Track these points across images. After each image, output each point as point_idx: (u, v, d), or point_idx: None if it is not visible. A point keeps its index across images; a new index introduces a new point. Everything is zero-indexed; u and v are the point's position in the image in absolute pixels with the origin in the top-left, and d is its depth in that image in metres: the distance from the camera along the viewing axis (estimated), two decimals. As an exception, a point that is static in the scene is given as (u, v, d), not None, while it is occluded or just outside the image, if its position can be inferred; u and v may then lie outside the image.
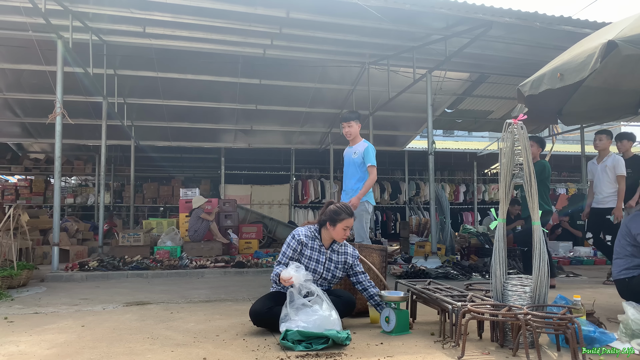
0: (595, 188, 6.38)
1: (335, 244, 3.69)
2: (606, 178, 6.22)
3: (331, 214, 3.59)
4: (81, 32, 7.50)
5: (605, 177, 6.23)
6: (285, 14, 6.85)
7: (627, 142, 6.46)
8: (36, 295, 5.23)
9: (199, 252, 8.80)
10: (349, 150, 5.24)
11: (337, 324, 3.15)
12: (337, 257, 3.66)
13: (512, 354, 2.86)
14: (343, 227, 3.56)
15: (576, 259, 8.66)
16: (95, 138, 11.85)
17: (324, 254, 3.62)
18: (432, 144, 7.82)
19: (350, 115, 5.15)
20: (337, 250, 3.68)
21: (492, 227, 3.44)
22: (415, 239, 9.88)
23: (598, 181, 6.34)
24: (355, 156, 5.09)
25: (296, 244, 3.57)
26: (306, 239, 3.61)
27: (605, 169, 6.22)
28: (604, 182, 6.25)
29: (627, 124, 14.12)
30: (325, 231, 3.64)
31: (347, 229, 3.58)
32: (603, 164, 6.27)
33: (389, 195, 15.12)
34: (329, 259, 3.64)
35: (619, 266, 3.80)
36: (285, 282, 3.28)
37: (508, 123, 3.34)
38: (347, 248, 3.75)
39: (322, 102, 11.76)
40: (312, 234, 3.65)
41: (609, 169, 6.18)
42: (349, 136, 5.17)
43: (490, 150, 15.03)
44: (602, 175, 6.27)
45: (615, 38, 3.27)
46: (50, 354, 2.93)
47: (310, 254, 3.59)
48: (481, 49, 8.23)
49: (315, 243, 3.63)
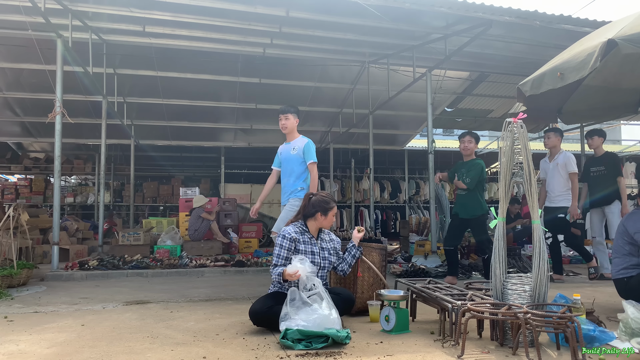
0: (548, 187, 6.31)
1: (322, 233, 3.81)
2: (558, 176, 6.16)
3: (321, 204, 3.72)
4: (81, 31, 7.50)
5: (557, 175, 6.18)
6: (285, 13, 6.85)
7: (597, 138, 6.39)
8: (36, 295, 5.23)
9: (198, 251, 8.80)
10: (286, 146, 5.07)
11: (337, 322, 3.15)
12: (327, 245, 3.78)
13: (511, 352, 2.86)
14: (333, 214, 3.76)
15: (576, 257, 8.65)
16: (95, 137, 11.85)
17: (316, 245, 3.70)
18: (432, 143, 7.83)
19: (289, 108, 5.01)
20: (325, 239, 3.80)
21: (492, 226, 3.44)
22: (415, 237, 9.87)
23: (550, 179, 6.27)
24: (295, 152, 4.93)
25: (289, 242, 3.60)
26: (297, 235, 3.66)
27: (557, 167, 6.16)
28: (555, 180, 6.19)
29: (627, 123, 14.13)
30: (313, 222, 3.73)
31: (333, 216, 3.78)
32: (554, 162, 6.21)
33: (388, 194, 15.12)
34: (321, 248, 3.73)
35: (617, 265, 3.79)
36: (292, 277, 3.30)
37: (508, 122, 3.34)
38: (331, 235, 3.88)
39: (322, 101, 11.75)
40: (300, 229, 3.71)
41: (561, 166, 6.12)
42: (285, 129, 5.00)
43: (490, 149, 15.03)
44: (553, 173, 6.21)
45: (615, 37, 3.27)
46: (50, 353, 2.93)
47: (305, 248, 3.64)
48: (481, 48, 8.23)
49: (305, 237, 3.69)
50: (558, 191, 6.16)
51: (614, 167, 6.29)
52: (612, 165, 6.30)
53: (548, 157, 6.39)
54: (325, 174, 14.62)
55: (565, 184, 6.10)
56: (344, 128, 12.05)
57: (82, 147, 14.19)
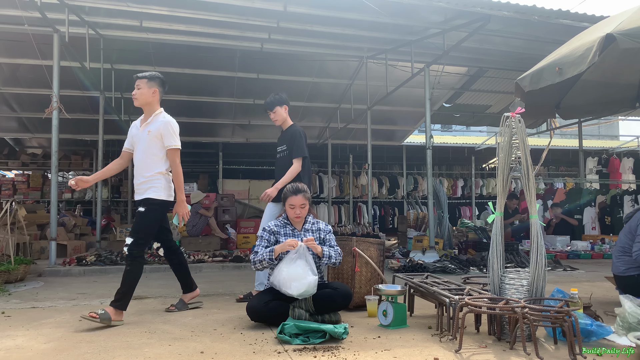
0: None
1: (306, 223, 3.77)
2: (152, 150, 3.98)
3: (284, 195, 3.75)
4: (77, 26, 7.45)
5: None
6: (283, 8, 6.81)
7: (279, 108, 4.68)
8: (33, 290, 5.23)
9: (197, 246, 8.81)
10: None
11: (313, 285, 3.26)
12: (311, 235, 3.72)
13: (509, 347, 2.87)
14: (288, 205, 3.67)
15: (573, 252, 8.68)
16: (93, 133, 11.77)
17: (299, 236, 3.67)
18: (430, 139, 7.82)
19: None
20: (310, 229, 3.75)
21: (490, 221, 3.44)
22: (413, 233, 9.89)
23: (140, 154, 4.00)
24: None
25: (268, 234, 3.66)
26: (276, 227, 3.70)
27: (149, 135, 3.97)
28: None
29: (625, 119, 14.14)
30: (288, 213, 3.74)
31: (294, 207, 3.65)
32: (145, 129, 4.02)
33: (387, 190, 15.13)
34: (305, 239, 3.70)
35: (626, 263, 3.83)
36: (292, 246, 3.37)
37: (506, 116, 3.34)
38: (320, 224, 3.82)
39: (320, 97, 11.72)
40: (281, 222, 3.74)
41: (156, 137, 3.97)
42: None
43: (488, 144, 15.03)
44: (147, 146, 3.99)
45: (614, 31, 3.27)
46: (47, 348, 2.92)
47: (285, 240, 3.63)
48: (479, 43, 8.21)
49: (287, 229, 3.70)
50: None
51: None
52: None
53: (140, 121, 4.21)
54: (324, 170, 14.60)
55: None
56: (342, 123, 12.03)
57: (80, 143, 14.14)
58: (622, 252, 3.86)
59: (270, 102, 4.69)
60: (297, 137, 4.56)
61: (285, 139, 4.70)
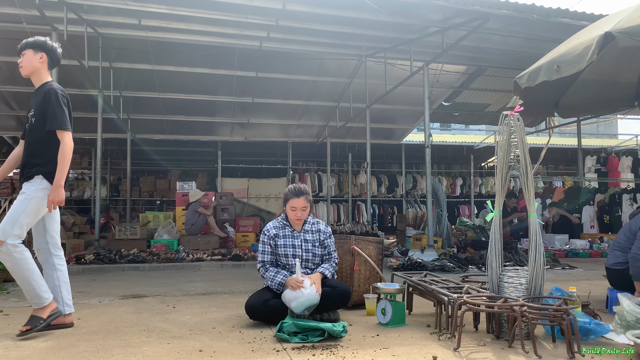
0: None
1: (306, 224, 3.74)
2: None
3: (284, 196, 3.71)
4: (76, 25, 7.43)
5: None
6: (282, 6, 6.81)
7: (30, 53, 3.46)
8: (32, 289, 5.21)
9: (195, 245, 8.80)
10: None
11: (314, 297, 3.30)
12: (311, 236, 3.71)
13: (507, 345, 2.87)
14: (290, 207, 3.64)
15: (572, 251, 8.69)
16: (91, 131, 11.76)
17: (298, 237, 3.67)
18: (429, 137, 7.82)
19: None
20: (309, 230, 3.73)
21: (489, 219, 3.44)
22: (412, 231, 9.91)
23: None
24: None
25: (268, 239, 3.66)
26: (275, 230, 3.68)
27: None
28: None
29: (624, 117, 14.15)
30: (289, 214, 3.71)
31: (296, 209, 3.62)
32: None
33: (385, 189, 15.13)
34: (304, 240, 3.68)
35: (616, 257, 3.88)
36: (299, 285, 3.33)
37: (505, 115, 3.34)
38: (320, 225, 3.79)
39: (319, 95, 11.73)
40: (280, 224, 3.72)
41: None
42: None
43: (487, 143, 15.04)
44: None
45: (612, 30, 3.27)
46: (46, 347, 2.92)
47: (284, 242, 3.64)
48: (478, 42, 8.21)
49: (286, 231, 3.68)
50: None
51: None
52: None
53: None
54: (322, 169, 14.61)
55: None
56: (341, 122, 12.03)
57: (78, 142, 14.12)
58: (617, 247, 3.96)
59: (24, 43, 3.44)
60: (53, 100, 3.45)
61: (36, 100, 3.50)
